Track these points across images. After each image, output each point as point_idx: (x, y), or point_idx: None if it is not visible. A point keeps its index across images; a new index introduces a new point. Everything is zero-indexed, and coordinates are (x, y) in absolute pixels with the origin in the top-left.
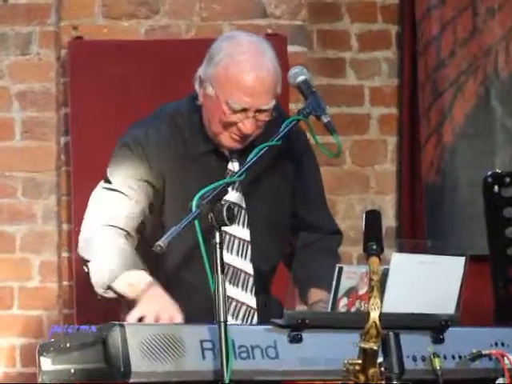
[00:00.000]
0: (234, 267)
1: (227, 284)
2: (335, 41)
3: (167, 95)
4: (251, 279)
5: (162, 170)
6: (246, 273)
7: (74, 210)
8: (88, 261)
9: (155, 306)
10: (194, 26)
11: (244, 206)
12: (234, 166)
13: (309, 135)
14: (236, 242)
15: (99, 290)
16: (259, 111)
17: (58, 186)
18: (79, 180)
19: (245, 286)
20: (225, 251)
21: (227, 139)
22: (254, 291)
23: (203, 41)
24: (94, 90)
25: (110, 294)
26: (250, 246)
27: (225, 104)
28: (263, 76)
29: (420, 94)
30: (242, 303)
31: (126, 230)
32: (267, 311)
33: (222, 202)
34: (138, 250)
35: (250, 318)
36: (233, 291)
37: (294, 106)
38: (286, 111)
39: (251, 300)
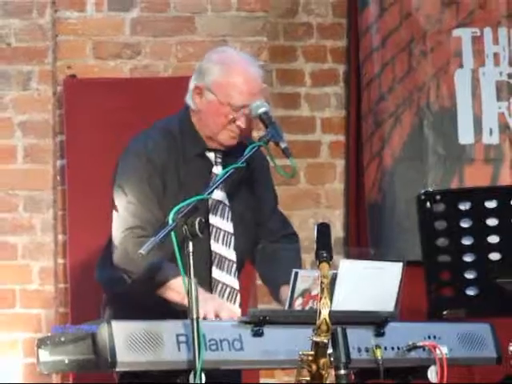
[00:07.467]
0: (220, 255)
1: (214, 268)
2: (291, 78)
3: (148, 125)
4: (234, 265)
5: (162, 172)
6: (230, 260)
7: (68, 223)
8: (132, 272)
9: (212, 305)
10: (170, 66)
11: (227, 203)
12: (218, 169)
13: (268, 158)
14: (221, 233)
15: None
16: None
17: (54, 203)
18: (73, 197)
19: (229, 271)
20: (212, 241)
21: (226, 137)
22: (237, 275)
23: (179, 78)
24: (86, 120)
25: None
26: (233, 238)
27: (227, 105)
28: (255, 78)
29: (363, 124)
30: (227, 285)
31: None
32: None
33: (195, 216)
34: None
35: (234, 298)
36: (219, 275)
37: (256, 134)
38: (250, 138)
39: (235, 283)
